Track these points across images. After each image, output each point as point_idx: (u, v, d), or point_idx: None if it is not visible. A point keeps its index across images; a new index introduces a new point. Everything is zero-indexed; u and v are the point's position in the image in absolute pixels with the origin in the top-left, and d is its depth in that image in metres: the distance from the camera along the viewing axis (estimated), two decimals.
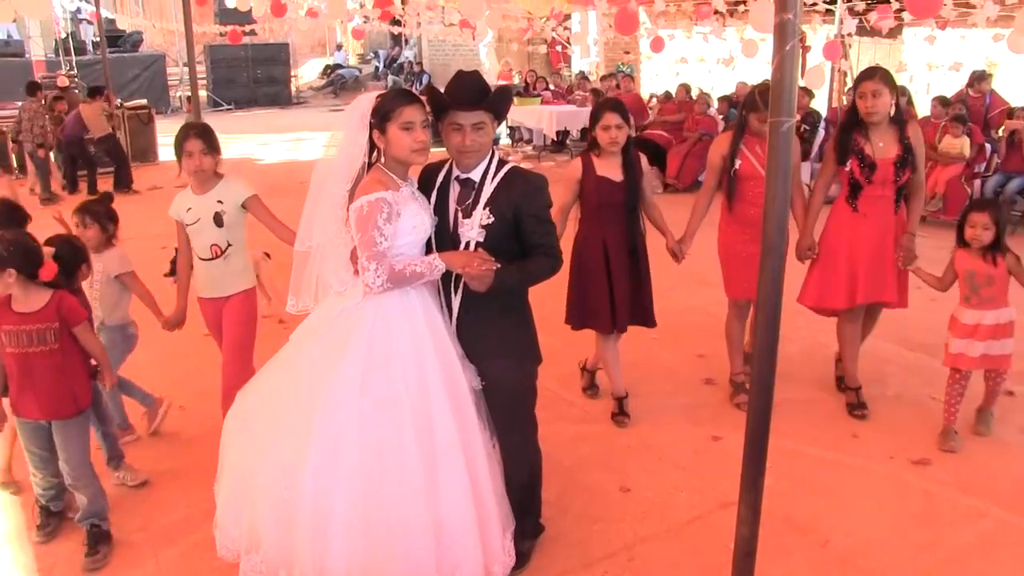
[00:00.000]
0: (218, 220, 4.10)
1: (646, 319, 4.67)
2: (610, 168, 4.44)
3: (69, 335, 3.50)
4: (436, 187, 3.16)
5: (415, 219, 2.98)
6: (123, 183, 12.01)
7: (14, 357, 3.46)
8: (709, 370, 5.39)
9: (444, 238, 3.12)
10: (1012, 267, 4.29)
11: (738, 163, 4.66)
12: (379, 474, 2.85)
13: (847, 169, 4.57)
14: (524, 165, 4.72)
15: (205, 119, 8.45)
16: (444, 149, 3.15)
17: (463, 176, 3.12)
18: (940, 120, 9.81)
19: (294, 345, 3.13)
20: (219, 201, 4.11)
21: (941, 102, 10.27)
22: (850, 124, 4.60)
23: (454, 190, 3.13)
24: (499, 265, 2.96)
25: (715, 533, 3.63)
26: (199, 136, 4.07)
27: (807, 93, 10.82)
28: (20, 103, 11.90)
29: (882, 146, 4.50)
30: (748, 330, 5.08)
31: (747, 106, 4.68)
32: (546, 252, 3.11)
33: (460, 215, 3.10)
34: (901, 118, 4.57)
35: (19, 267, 3.34)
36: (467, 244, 3.08)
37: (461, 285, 3.10)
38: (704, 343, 5.66)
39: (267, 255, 5.48)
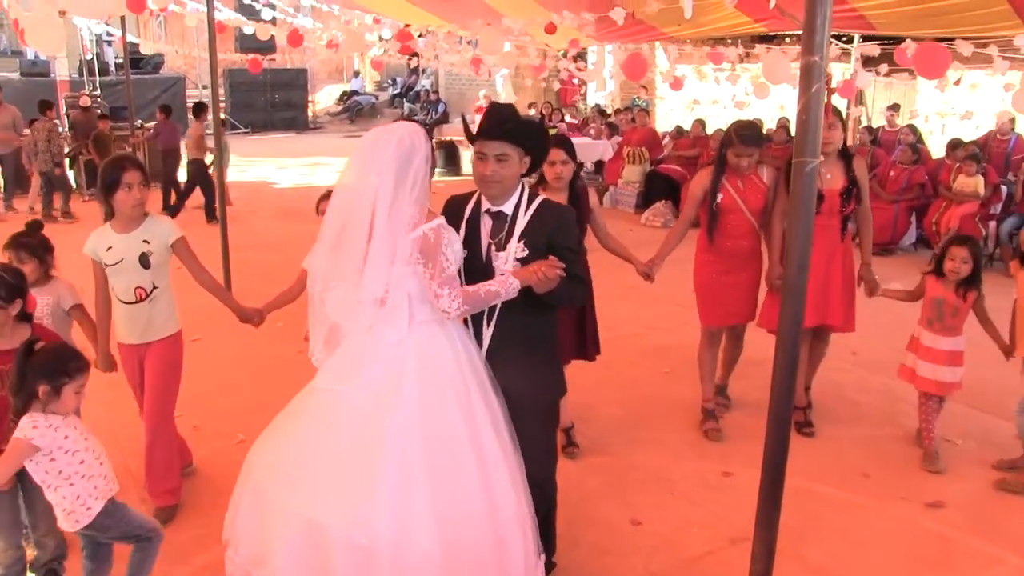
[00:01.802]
0: (144, 261, 3.86)
1: (587, 353, 4.70)
2: None
3: None
4: (465, 220, 3.14)
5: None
6: (212, 213, 11.19)
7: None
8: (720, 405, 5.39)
9: (476, 270, 3.09)
10: (977, 307, 4.59)
11: (720, 197, 4.80)
12: (450, 504, 2.80)
13: None
14: None
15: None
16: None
17: (494, 209, 3.10)
18: (955, 162, 9.86)
19: (330, 391, 2.96)
20: (145, 241, 3.87)
21: (953, 145, 10.34)
22: None
23: (485, 223, 3.10)
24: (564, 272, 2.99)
25: (726, 569, 3.62)
26: (137, 167, 3.81)
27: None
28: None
29: (830, 178, 4.76)
30: (720, 363, 5.29)
31: (724, 143, 4.82)
32: (582, 281, 3.16)
33: (493, 248, 3.09)
34: (848, 152, 4.90)
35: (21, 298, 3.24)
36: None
37: (495, 317, 3.09)
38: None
39: None
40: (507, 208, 3.10)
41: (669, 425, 5.15)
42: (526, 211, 3.10)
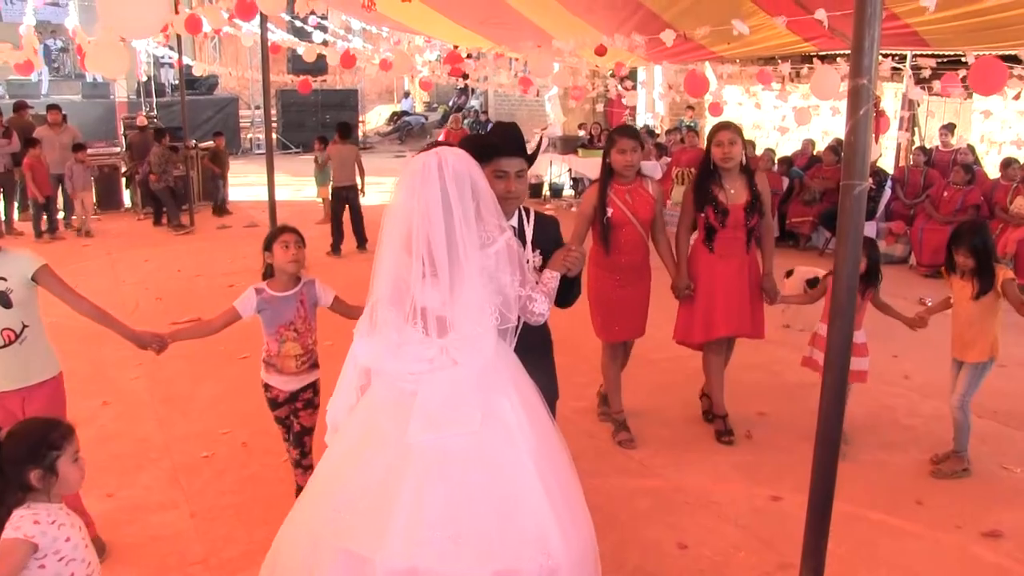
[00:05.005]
0: (4, 300, 3.44)
1: None
2: None
3: None
4: None
5: None
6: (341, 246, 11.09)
7: None
8: (770, 428, 5.32)
9: None
10: (875, 300, 4.92)
11: (610, 211, 4.87)
12: (581, 511, 2.82)
13: (703, 215, 4.99)
14: None
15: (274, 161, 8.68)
16: None
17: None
18: (1012, 181, 9.65)
19: (440, 442, 2.63)
20: (1, 278, 3.45)
21: (1006, 163, 10.12)
22: (705, 175, 5.01)
23: None
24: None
25: None
26: None
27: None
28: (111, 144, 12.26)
29: (733, 192, 4.94)
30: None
31: (607, 150, 4.91)
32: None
33: None
34: (749, 168, 5.06)
35: None
36: None
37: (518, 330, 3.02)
38: (766, 401, 5.59)
39: None
40: (512, 222, 3.15)
41: (717, 448, 5.09)
42: (529, 222, 3.19)
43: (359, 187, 10.92)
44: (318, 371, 4.10)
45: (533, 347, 3.07)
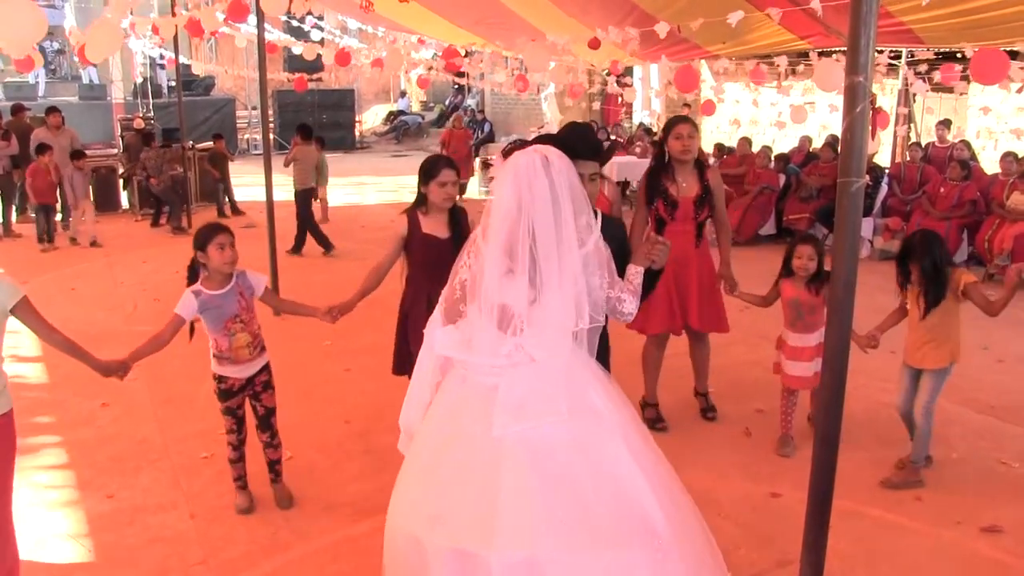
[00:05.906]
0: None
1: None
2: (436, 225, 4.32)
3: None
4: None
5: None
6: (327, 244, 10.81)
7: None
8: (769, 426, 5.33)
9: None
10: (828, 298, 4.72)
11: None
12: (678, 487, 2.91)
13: (653, 208, 5.03)
14: None
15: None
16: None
17: None
18: (1009, 177, 9.66)
19: (527, 432, 2.64)
20: None
21: (1005, 156, 10.12)
22: (657, 168, 5.06)
23: None
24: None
25: None
26: None
27: None
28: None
29: (685, 186, 4.99)
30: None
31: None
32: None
33: None
34: (702, 163, 5.13)
35: None
36: None
37: None
38: (763, 398, 5.60)
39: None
40: None
41: (717, 446, 5.09)
42: (596, 223, 3.18)
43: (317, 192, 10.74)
44: (267, 352, 4.18)
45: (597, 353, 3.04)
